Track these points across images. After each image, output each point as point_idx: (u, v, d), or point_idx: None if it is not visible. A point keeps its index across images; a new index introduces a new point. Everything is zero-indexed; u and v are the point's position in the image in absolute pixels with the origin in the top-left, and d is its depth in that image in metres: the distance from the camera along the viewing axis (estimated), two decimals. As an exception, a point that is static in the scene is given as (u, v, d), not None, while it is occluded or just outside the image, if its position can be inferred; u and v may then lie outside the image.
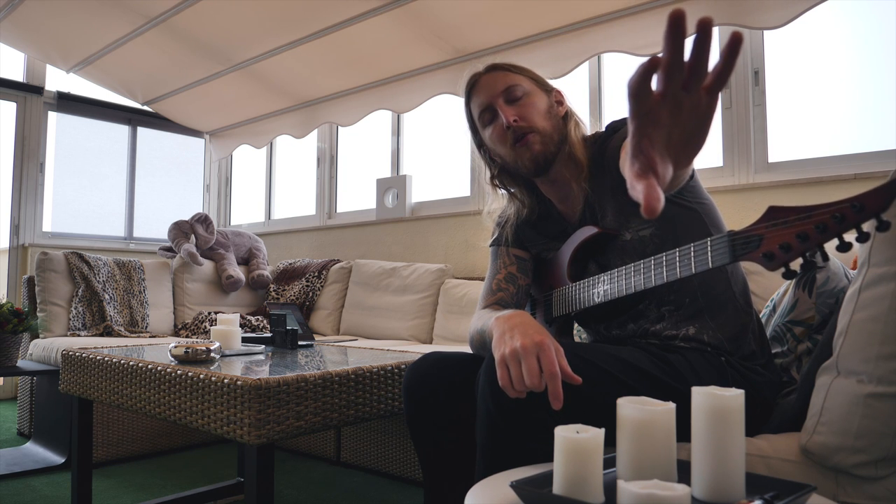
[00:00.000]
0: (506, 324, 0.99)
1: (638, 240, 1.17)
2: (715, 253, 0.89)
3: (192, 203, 4.73)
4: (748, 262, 0.85)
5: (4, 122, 3.95)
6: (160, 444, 2.67)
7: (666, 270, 0.98)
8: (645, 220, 1.16)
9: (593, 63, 2.92)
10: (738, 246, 0.86)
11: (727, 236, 0.87)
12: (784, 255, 0.80)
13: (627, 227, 1.18)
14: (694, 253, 0.93)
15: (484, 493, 0.82)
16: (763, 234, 0.82)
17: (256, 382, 1.20)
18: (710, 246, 0.90)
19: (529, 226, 1.34)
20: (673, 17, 0.56)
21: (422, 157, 3.72)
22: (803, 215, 0.79)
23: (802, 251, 0.79)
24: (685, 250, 0.94)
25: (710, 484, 0.72)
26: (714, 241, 0.90)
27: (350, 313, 3.32)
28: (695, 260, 0.92)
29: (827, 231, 0.77)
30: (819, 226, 0.77)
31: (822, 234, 0.77)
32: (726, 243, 0.87)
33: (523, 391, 0.91)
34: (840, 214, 0.76)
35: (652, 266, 1.01)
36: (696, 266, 0.92)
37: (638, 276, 1.03)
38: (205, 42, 3.35)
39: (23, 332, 2.56)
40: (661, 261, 0.99)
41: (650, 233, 1.16)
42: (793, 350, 1.28)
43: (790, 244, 0.79)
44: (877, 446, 0.89)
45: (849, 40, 2.40)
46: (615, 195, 1.19)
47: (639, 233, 1.17)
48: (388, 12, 2.83)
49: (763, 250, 0.82)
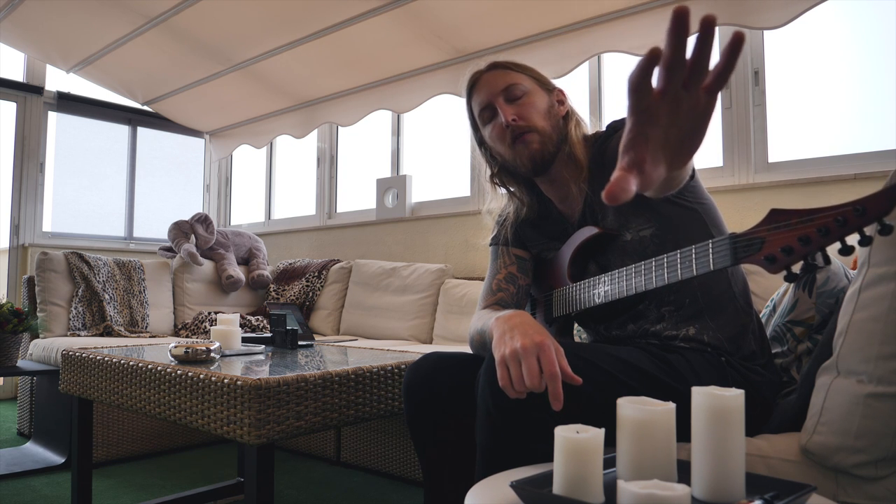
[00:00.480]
0: (506, 324, 0.99)
1: (638, 240, 1.16)
2: (716, 255, 0.89)
3: (192, 203, 4.73)
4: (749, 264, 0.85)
5: (4, 122, 3.95)
6: (160, 444, 2.67)
7: (667, 272, 0.98)
8: (646, 221, 1.16)
9: (593, 63, 2.92)
10: (739, 248, 0.86)
11: (728, 239, 0.87)
12: (786, 258, 0.80)
13: (628, 227, 1.18)
14: (695, 255, 0.93)
15: (484, 493, 0.82)
16: (765, 237, 0.82)
17: (256, 382, 1.20)
18: (711, 248, 0.90)
19: (530, 225, 1.34)
20: (677, 14, 0.56)
21: (422, 157, 3.72)
22: (805, 218, 0.79)
23: (804, 254, 0.79)
24: (686, 252, 0.94)
25: (710, 484, 0.72)
26: (715, 244, 0.89)
27: (350, 313, 3.32)
28: (696, 262, 0.92)
29: (829, 234, 0.77)
30: (821, 229, 0.77)
31: (824, 238, 0.77)
32: (728, 246, 0.87)
33: (523, 391, 0.91)
34: (842, 218, 0.76)
35: (653, 267, 1.01)
36: (698, 268, 0.92)
37: (639, 278, 1.03)
38: (205, 42, 3.36)
39: (23, 332, 2.56)
40: (662, 262, 0.99)
41: (651, 233, 1.16)
42: (793, 350, 1.28)
43: (792, 247, 0.79)
44: (877, 446, 0.89)
45: (849, 40, 2.40)
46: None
47: (639, 233, 1.17)
48: (388, 12, 2.83)
49: (765, 253, 0.82)
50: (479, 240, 3.19)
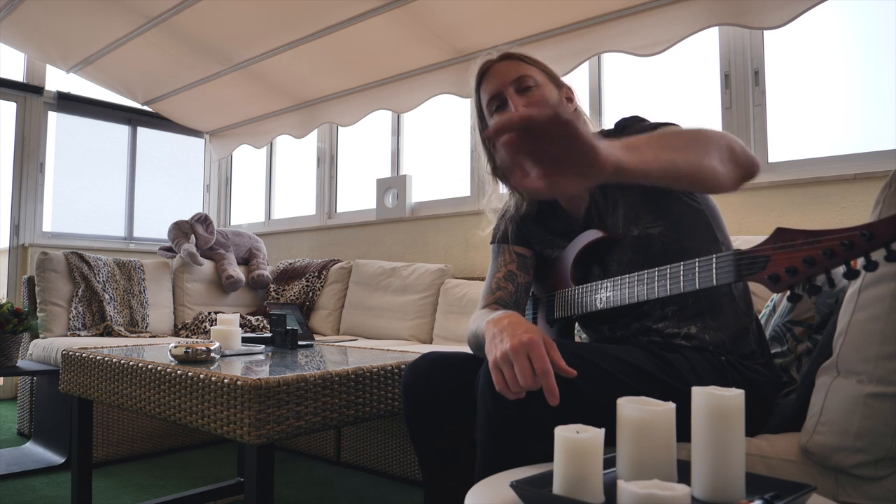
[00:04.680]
0: (495, 326, 1.00)
1: (645, 237, 1.16)
2: (720, 271, 0.89)
3: (192, 203, 4.73)
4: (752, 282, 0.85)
5: (4, 122, 3.95)
6: (160, 444, 2.67)
7: (669, 283, 0.98)
8: (655, 219, 1.16)
9: (593, 63, 2.92)
10: (743, 266, 0.86)
11: (733, 255, 0.87)
12: (789, 279, 0.80)
13: (637, 223, 1.18)
14: (698, 269, 0.93)
15: (484, 493, 0.82)
16: (770, 256, 0.82)
17: (256, 382, 1.20)
18: (715, 263, 0.90)
19: (533, 221, 1.33)
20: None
21: (422, 157, 3.72)
22: (811, 240, 0.78)
23: (808, 276, 0.79)
24: (689, 265, 0.95)
25: (710, 484, 0.72)
26: (720, 259, 0.90)
27: (350, 313, 3.32)
28: (699, 276, 0.93)
29: (834, 257, 0.76)
30: (827, 251, 0.77)
31: (830, 261, 0.77)
32: (732, 262, 0.87)
33: (521, 392, 0.91)
34: (849, 242, 0.75)
35: (655, 277, 1.01)
36: (700, 282, 0.93)
37: (641, 287, 1.04)
38: (205, 42, 3.36)
39: (23, 332, 2.56)
40: (665, 273, 0.99)
41: (659, 231, 1.16)
42: (793, 350, 1.28)
43: (796, 268, 0.79)
44: (877, 446, 0.89)
45: (849, 40, 2.40)
46: (626, 192, 1.19)
47: (647, 230, 1.17)
48: (388, 12, 2.83)
49: (769, 272, 0.82)
50: (479, 240, 3.19)
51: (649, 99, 2.87)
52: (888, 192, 0.93)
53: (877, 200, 0.95)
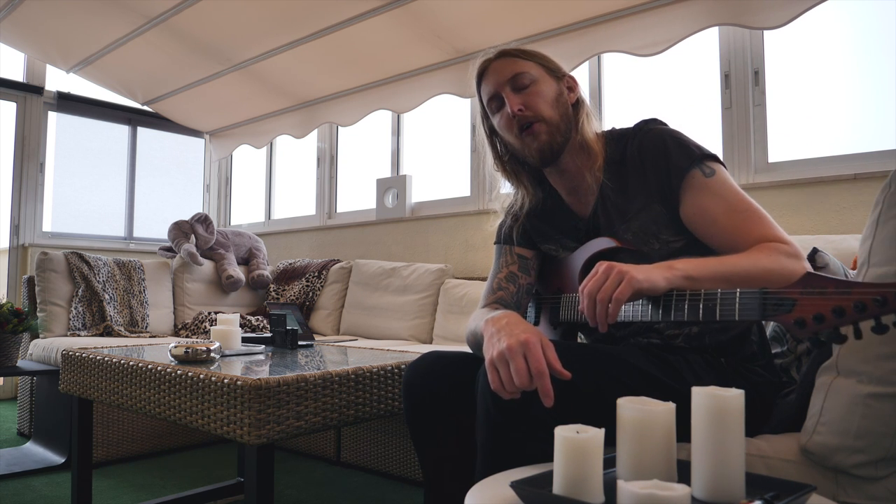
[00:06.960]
0: (493, 326, 1.00)
1: (667, 252, 1.14)
2: (743, 307, 0.87)
3: (192, 203, 4.73)
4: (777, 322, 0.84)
5: (4, 122, 3.95)
6: (160, 444, 2.67)
7: (687, 312, 0.94)
8: (675, 234, 1.15)
9: (593, 63, 2.92)
10: (769, 305, 0.84)
11: (759, 293, 0.85)
12: (816, 326, 0.79)
13: (658, 236, 1.15)
14: (720, 301, 0.90)
15: (484, 493, 0.82)
16: (797, 300, 0.81)
17: (256, 382, 1.20)
18: (738, 298, 0.87)
19: (539, 218, 1.32)
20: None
21: (422, 157, 3.72)
22: (842, 290, 0.77)
23: (835, 325, 0.78)
24: (711, 295, 0.91)
25: (710, 484, 0.72)
26: (743, 295, 0.87)
27: (350, 313, 3.32)
28: (721, 308, 0.90)
29: (865, 311, 0.75)
30: (858, 304, 0.76)
31: (860, 314, 0.76)
32: (758, 300, 0.85)
33: (516, 392, 0.91)
34: (882, 298, 0.74)
35: (672, 303, 0.96)
36: (722, 314, 0.89)
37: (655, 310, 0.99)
38: (205, 42, 3.36)
39: (23, 332, 2.56)
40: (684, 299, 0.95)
41: (681, 246, 1.14)
42: (793, 350, 1.28)
43: (824, 316, 0.78)
44: (876, 446, 0.89)
45: (849, 40, 2.40)
46: (653, 199, 1.15)
47: (669, 244, 1.15)
48: (388, 12, 2.83)
49: (796, 316, 0.81)
50: (479, 240, 3.19)
51: (649, 99, 2.87)
52: (888, 193, 0.93)
53: (877, 201, 0.95)
